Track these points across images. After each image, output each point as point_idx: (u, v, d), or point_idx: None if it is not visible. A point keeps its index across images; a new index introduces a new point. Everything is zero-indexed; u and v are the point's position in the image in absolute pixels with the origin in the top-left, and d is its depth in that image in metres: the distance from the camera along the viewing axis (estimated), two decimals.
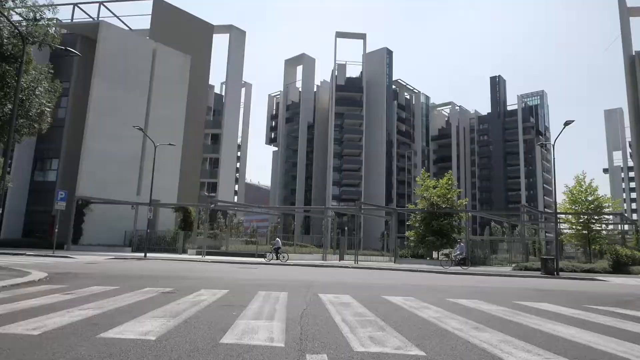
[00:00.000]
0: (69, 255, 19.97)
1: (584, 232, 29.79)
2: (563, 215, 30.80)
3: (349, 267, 18.87)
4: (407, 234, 32.24)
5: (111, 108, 36.35)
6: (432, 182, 30.21)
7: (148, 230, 24.66)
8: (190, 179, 46.41)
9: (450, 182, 29.38)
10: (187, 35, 47.43)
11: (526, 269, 22.35)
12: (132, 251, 32.13)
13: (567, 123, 18.12)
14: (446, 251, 25.22)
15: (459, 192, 29.76)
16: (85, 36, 38.53)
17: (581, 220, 30.18)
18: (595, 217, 30.17)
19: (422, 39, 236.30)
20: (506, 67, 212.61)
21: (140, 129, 23.99)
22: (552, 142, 21.21)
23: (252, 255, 30.57)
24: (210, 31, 51.41)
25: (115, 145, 36.21)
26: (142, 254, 27.03)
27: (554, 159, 21.99)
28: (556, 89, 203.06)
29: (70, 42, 39.78)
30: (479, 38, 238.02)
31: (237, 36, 57.08)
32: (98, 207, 34.50)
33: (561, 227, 37.37)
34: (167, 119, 40.14)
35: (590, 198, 29.98)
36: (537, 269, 21.94)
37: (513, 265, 24.41)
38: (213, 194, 52.38)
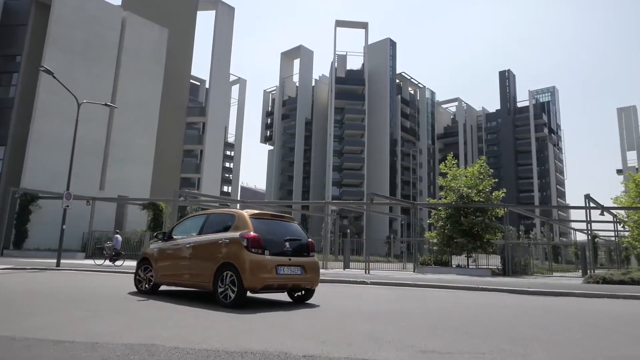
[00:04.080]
0: None
1: None
2: (622, 212, 24.86)
3: (367, 283, 12.64)
4: (427, 235, 26.15)
5: (68, 84, 30.07)
6: (460, 170, 24.20)
7: (88, 231, 18.20)
8: (168, 172, 40.30)
9: (483, 169, 23.38)
10: (166, 9, 41.50)
11: (605, 281, 16.24)
12: (86, 257, 26.03)
13: None
14: (108, 244, 20.84)
15: (494, 182, 23.65)
16: (40, 2, 32.53)
17: None
18: None
19: (426, 33, 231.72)
20: (513, 64, 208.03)
21: (45, 69, 16.87)
22: None
23: None
24: (193, 6, 45.49)
25: (72, 129, 30.03)
26: (93, 261, 20.99)
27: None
28: (566, 86, 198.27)
29: (23, 8, 33.96)
30: (484, 34, 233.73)
31: (224, 12, 51.12)
32: (48, 203, 28.24)
33: (600, 227, 31.40)
34: (139, 100, 34.12)
35: None
36: (625, 282, 15.89)
37: (582, 276, 18.35)
38: (196, 191, 46.15)
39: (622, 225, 27.19)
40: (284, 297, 7.96)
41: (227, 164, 77.47)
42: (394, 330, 4.79)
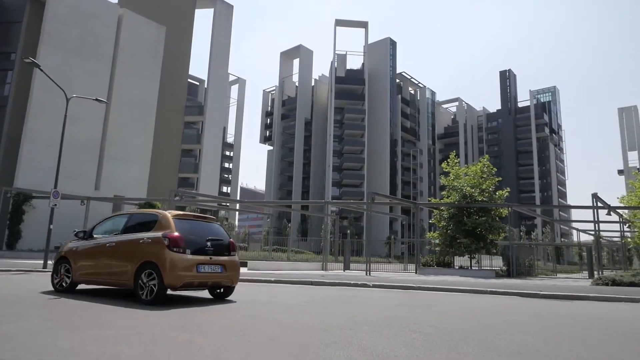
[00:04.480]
0: None
1: None
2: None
3: (369, 286, 12.07)
4: (429, 235, 25.57)
5: (63, 82, 29.53)
6: (463, 169, 23.64)
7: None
8: (166, 172, 39.70)
9: (487, 168, 22.78)
10: (163, 6, 40.91)
11: (614, 283, 15.66)
12: None
13: None
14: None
15: (497, 181, 23.05)
16: None
17: None
18: None
19: (426, 32, 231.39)
20: (514, 64, 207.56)
21: (32, 61, 16.07)
22: None
23: None
24: (191, 3, 44.93)
25: (67, 128, 29.36)
26: (51, 261, 20.12)
27: None
28: (566, 86, 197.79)
29: (17, 5, 33.39)
30: (484, 34, 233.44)
31: (223, 10, 50.51)
32: (43, 203, 27.61)
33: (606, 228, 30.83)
34: (136, 98, 33.56)
35: None
36: (636, 284, 15.30)
37: (589, 278, 17.78)
38: (193, 191, 45.54)
39: (627, 225, 26.62)
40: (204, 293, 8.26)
41: (227, 165, 76.85)
42: (407, 348, 4.11)
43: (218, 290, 7.87)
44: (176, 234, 6.86)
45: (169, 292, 7.06)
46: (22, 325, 4.73)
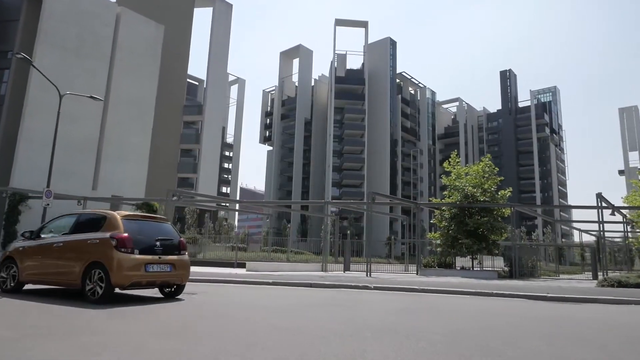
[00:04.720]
0: None
1: None
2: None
3: (371, 288, 11.73)
4: (430, 235, 25.23)
5: (60, 81, 29.23)
6: (465, 168, 23.32)
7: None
8: (165, 172, 39.39)
9: (489, 168, 22.45)
10: (162, 5, 40.62)
11: (620, 284, 15.35)
12: None
13: None
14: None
15: (499, 180, 22.73)
16: None
17: None
18: None
19: (426, 32, 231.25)
20: (514, 63, 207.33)
21: (24, 57, 16.08)
22: None
23: (231, 265, 23.75)
24: (190, 2, 44.63)
25: (64, 127, 29.11)
26: None
27: None
28: (567, 86, 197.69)
29: (15, 3, 33.06)
30: (484, 33, 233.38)
31: (222, 9, 50.21)
32: (39, 203, 27.27)
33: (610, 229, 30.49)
34: (134, 97, 33.26)
35: None
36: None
37: (593, 279, 17.47)
38: (192, 191, 45.19)
39: (630, 225, 26.30)
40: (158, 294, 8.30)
41: (226, 165, 76.52)
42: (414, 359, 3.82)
43: (168, 289, 8.01)
44: (124, 234, 6.97)
45: (118, 291, 7.18)
46: None
